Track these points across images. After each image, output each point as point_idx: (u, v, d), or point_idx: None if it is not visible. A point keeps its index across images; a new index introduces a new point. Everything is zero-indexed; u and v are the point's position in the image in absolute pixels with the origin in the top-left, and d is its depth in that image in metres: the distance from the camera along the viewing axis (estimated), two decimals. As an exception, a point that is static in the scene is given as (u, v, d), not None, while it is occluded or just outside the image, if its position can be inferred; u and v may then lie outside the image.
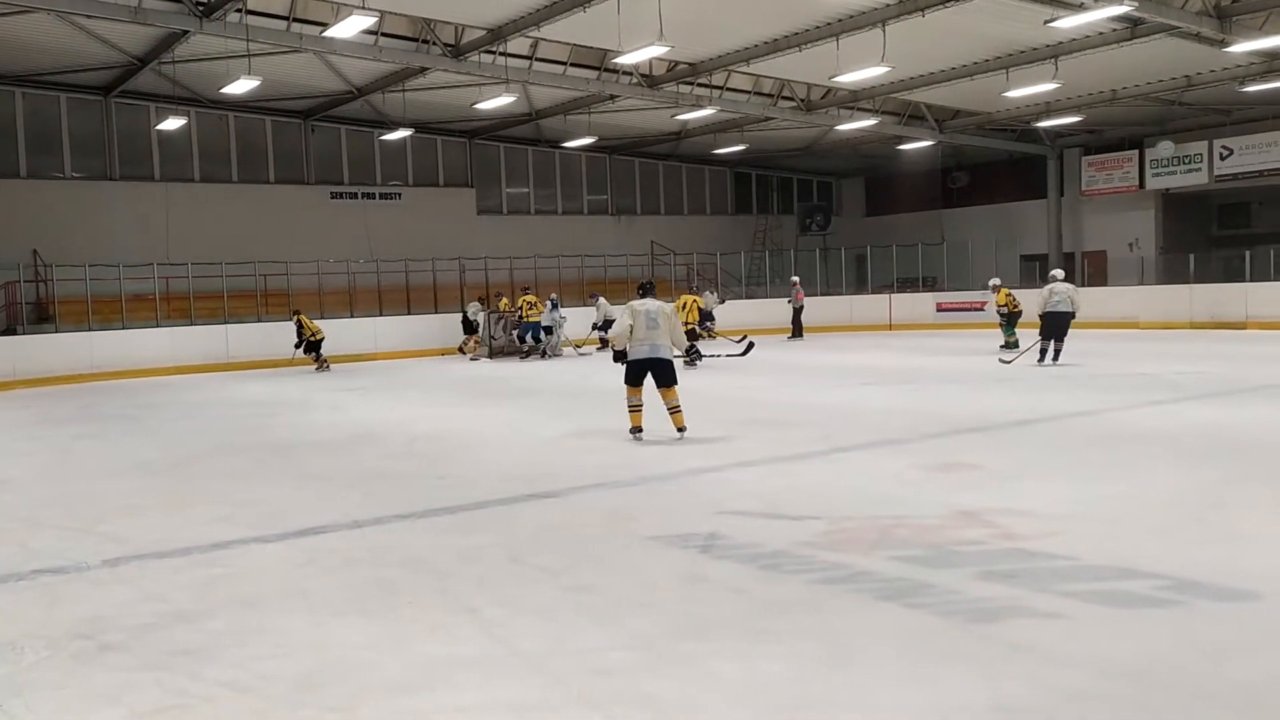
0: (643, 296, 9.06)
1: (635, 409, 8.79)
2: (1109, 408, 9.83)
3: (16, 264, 19.70)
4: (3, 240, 20.09)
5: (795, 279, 24.38)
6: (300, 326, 19.09)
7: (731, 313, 23.16)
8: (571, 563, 4.95)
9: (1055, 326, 14.08)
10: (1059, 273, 15.12)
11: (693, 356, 15.44)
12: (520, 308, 20.30)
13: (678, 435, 8.61)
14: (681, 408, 8.71)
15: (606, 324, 21.02)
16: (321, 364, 19.06)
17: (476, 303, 21.75)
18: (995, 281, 18.17)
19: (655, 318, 8.73)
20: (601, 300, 21.92)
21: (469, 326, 21.48)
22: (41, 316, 20.33)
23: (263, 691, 3.48)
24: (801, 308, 23.57)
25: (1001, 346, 16.90)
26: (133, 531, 5.98)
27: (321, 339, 19.20)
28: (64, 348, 18.36)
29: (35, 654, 3.91)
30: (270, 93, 20.83)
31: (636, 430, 8.78)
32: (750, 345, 12.82)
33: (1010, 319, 17.26)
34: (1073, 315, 14.13)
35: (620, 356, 9.15)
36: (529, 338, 20.05)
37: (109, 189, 22.48)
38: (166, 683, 3.58)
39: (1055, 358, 14.09)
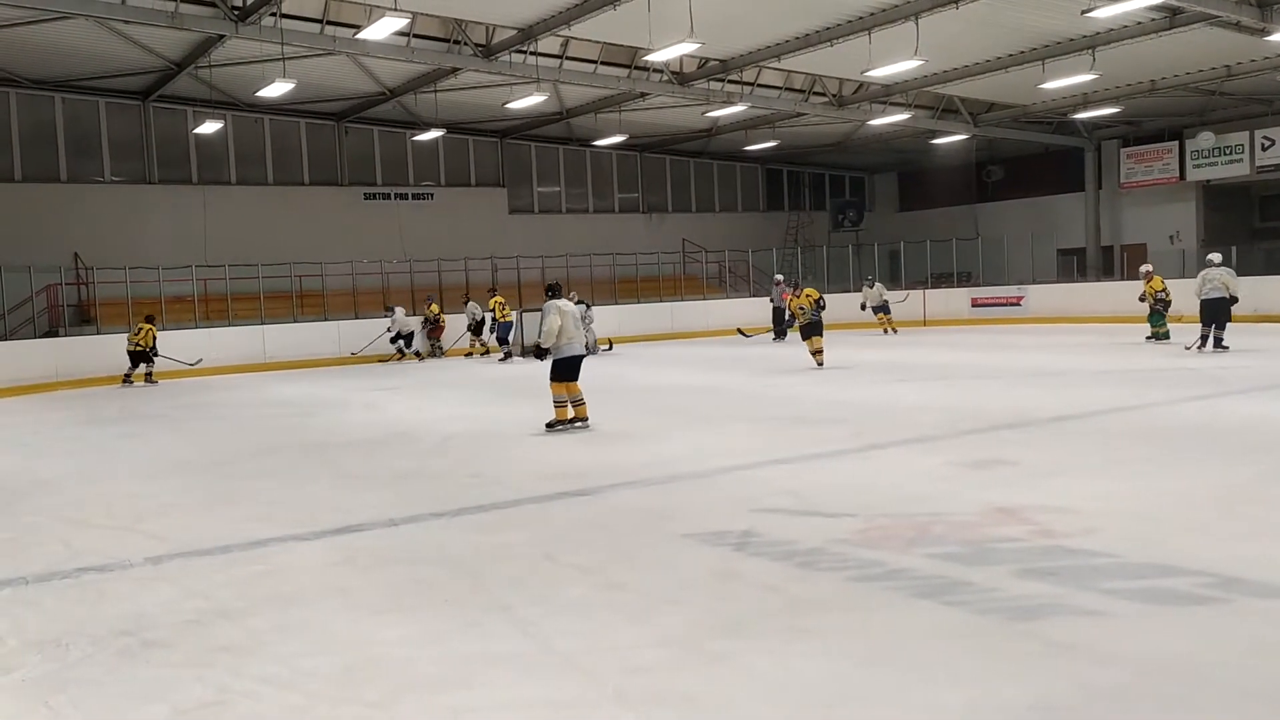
0: (552, 297, 9.64)
1: (563, 405, 9.36)
2: (1149, 403, 9.69)
3: (58, 267, 20.11)
4: (44, 243, 20.50)
5: (779, 277, 23.73)
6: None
7: (757, 312, 22.96)
8: (605, 560, 4.97)
9: (1210, 313, 14.10)
10: (1215, 256, 14.74)
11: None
12: (493, 309, 20.20)
13: (585, 423, 9.37)
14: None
15: (402, 337, 20.65)
16: (131, 378, 17.51)
17: (474, 303, 21.55)
18: (1147, 268, 16.54)
19: (578, 317, 9.56)
20: (399, 311, 20.85)
21: (476, 328, 21.30)
22: (83, 318, 20.70)
23: (304, 688, 3.52)
24: (784, 307, 22.98)
25: (1148, 338, 16.14)
26: (174, 530, 6.08)
27: (145, 349, 17.42)
28: (105, 349, 18.65)
29: (80, 650, 3.98)
30: (304, 95, 21.05)
31: (562, 423, 9.29)
32: (609, 346, 12.31)
33: (1165, 308, 16.12)
34: (1230, 300, 13.99)
35: (543, 354, 9.66)
36: (509, 339, 19.92)
37: (148, 192, 22.86)
38: (209, 679, 3.63)
39: (1216, 345, 14.01)
